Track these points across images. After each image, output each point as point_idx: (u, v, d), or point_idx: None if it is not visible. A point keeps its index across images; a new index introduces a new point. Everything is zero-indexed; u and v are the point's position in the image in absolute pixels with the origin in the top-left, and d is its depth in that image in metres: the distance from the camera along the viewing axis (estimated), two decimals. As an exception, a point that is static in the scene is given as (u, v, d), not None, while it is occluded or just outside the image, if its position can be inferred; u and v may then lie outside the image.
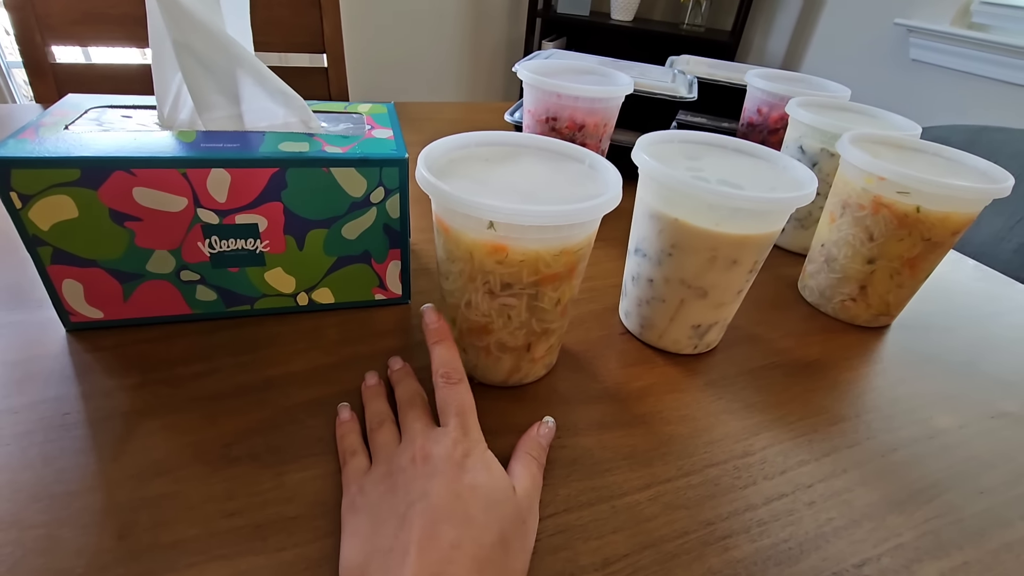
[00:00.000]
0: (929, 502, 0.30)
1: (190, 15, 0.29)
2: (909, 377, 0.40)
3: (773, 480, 0.31)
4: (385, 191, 0.35)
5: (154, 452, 0.28)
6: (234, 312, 0.37)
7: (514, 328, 0.32)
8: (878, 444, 0.34)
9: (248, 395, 0.32)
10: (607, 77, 0.56)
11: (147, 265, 0.33)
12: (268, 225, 0.34)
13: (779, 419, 0.35)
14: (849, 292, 0.44)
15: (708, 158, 0.38)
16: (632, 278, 0.39)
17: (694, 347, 0.39)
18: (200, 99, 0.33)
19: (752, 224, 0.33)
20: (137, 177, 0.30)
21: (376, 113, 0.41)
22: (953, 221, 0.39)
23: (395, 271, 0.39)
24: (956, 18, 1.30)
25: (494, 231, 0.28)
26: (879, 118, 0.54)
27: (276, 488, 0.27)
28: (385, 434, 0.29)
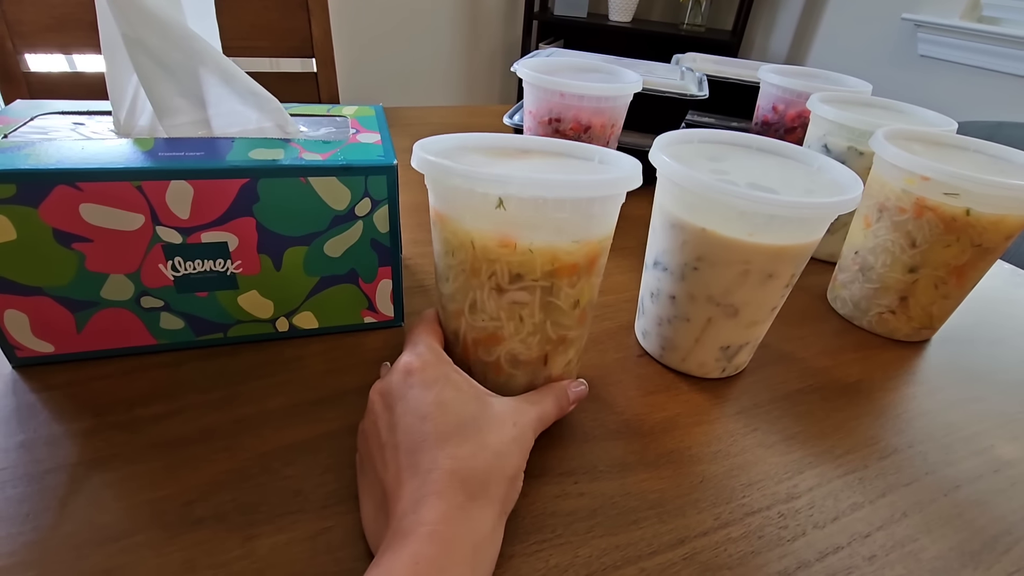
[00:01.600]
0: (1006, 552, 0.26)
1: (141, 7, 0.25)
2: (961, 399, 0.36)
3: (825, 529, 0.26)
4: (372, 202, 0.31)
5: (102, 514, 0.24)
6: (205, 341, 0.33)
7: (527, 334, 0.27)
8: (938, 480, 0.30)
9: (216, 440, 0.28)
10: (613, 75, 0.53)
11: (101, 292, 0.29)
12: (239, 243, 0.30)
13: (824, 452, 0.31)
14: (888, 304, 0.40)
15: (732, 159, 0.34)
16: (651, 294, 0.35)
17: (722, 370, 0.35)
18: (159, 103, 0.29)
19: (790, 233, 0.29)
20: (84, 192, 0.26)
21: (363, 116, 0.37)
22: (1008, 224, 0.35)
23: (386, 291, 0.35)
24: (966, 11, 1.27)
25: (503, 211, 0.24)
26: (908, 113, 0.50)
27: (245, 556, 0.23)
28: None
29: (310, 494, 0.25)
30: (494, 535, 0.22)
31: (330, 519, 0.24)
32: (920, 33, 1.33)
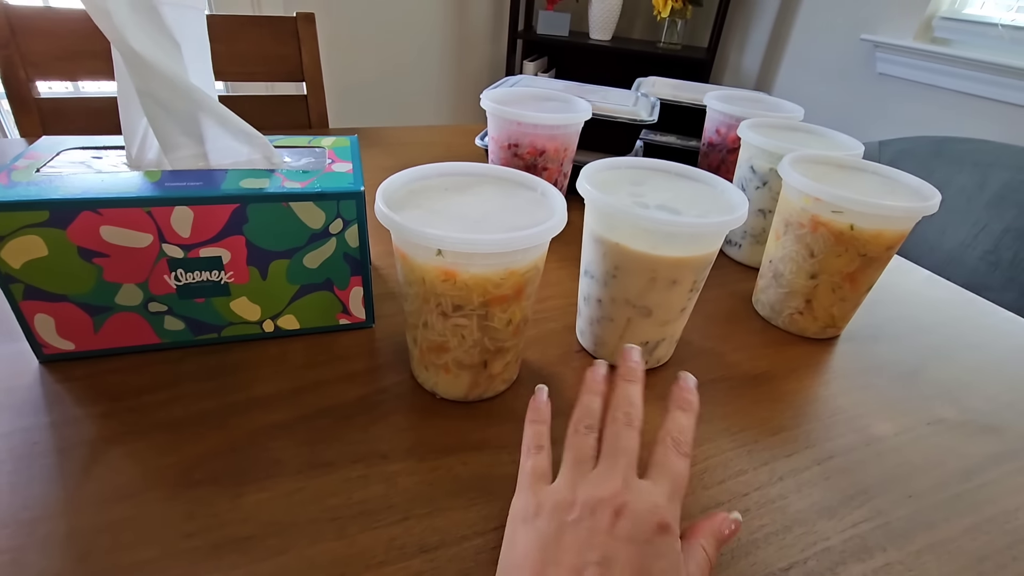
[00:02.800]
0: (859, 507, 0.32)
1: (152, 66, 0.31)
2: (853, 387, 0.42)
3: (711, 490, 0.32)
4: (344, 222, 0.37)
5: (117, 478, 0.29)
6: (202, 340, 0.39)
7: (468, 347, 0.34)
8: (815, 452, 0.36)
9: (211, 420, 0.33)
10: (568, 104, 0.59)
11: (116, 298, 0.35)
12: (231, 257, 0.36)
13: (722, 431, 0.37)
14: (796, 306, 0.46)
15: (652, 183, 0.40)
16: (584, 298, 0.41)
17: (645, 363, 0.41)
18: (165, 141, 0.35)
19: (688, 247, 0.35)
20: (103, 216, 0.32)
21: (339, 147, 0.43)
22: (886, 237, 0.41)
23: (358, 297, 0.41)
24: (919, 33, 1.35)
25: (443, 258, 0.30)
26: (826, 137, 0.56)
27: (233, 509, 0.28)
28: (586, 442, 0.26)
29: (288, 463, 0.31)
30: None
31: (302, 482, 0.30)
32: (878, 53, 1.41)
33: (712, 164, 0.68)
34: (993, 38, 1.26)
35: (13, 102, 0.74)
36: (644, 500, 0.23)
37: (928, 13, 1.34)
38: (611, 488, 0.24)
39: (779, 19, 1.68)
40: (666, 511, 0.23)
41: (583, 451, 0.26)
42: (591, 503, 0.23)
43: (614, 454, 0.25)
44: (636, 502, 0.23)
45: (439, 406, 0.36)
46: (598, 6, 1.82)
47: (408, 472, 0.31)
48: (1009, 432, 0.39)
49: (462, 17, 1.90)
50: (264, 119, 0.89)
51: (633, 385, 0.29)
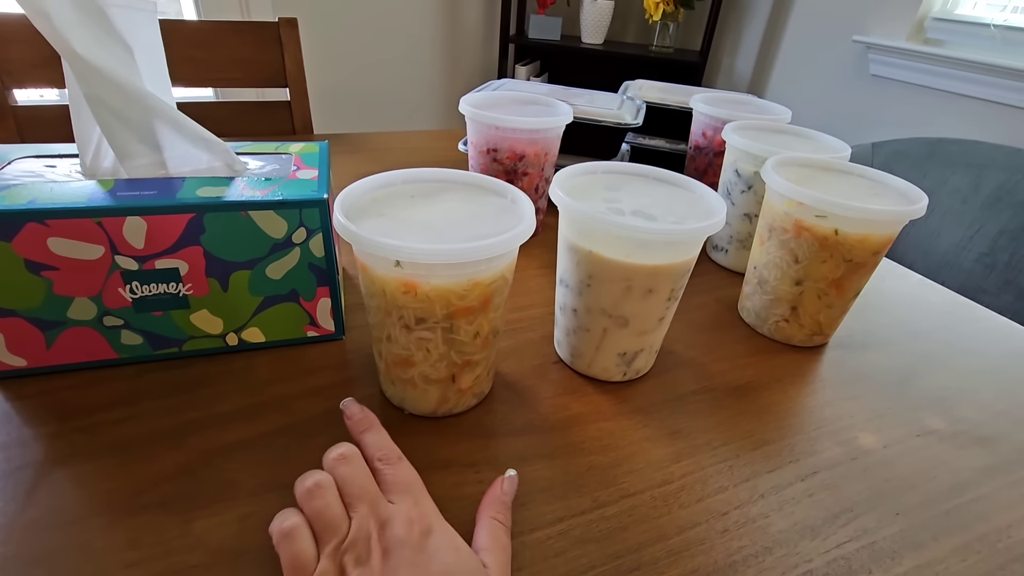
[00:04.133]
0: (844, 526, 0.31)
1: (100, 72, 0.30)
2: (839, 397, 0.41)
3: (689, 508, 0.31)
4: (307, 231, 0.36)
5: (59, 503, 0.28)
6: (162, 355, 0.37)
7: (434, 361, 0.32)
8: (799, 467, 0.34)
9: (166, 440, 0.32)
10: (549, 107, 0.58)
11: (68, 312, 0.34)
12: (189, 269, 0.34)
13: (703, 445, 0.35)
14: (782, 313, 0.45)
15: (628, 188, 0.39)
16: (560, 308, 0.40)
17: (623, 374, 0.39)
18: (120, 149, 0.34)
19: (664, 255, 0.33)
20: (51, 228, 0.31)
21: (307, 153, 0.42)
22: (872, 242, 0.39)
23: (325, 308, 0.39)
24: (911, 34, 1.34)
25: (402, 269, 0.28)
26: (812, 140, 0.55)
27: (181, 536, 0.27)
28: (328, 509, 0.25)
29: (243, 484, 0.30)
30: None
31: (257, 504, 0.29)
32: (871, 54, 1.40)
33: (699, 167, 0.66)
34: (985, 38, 1.25)
35: (-11, 110, 0.73)
36: (397, 523, 0.25)
37: (920, 14, 1.33)
38: (367, 531, 0.25)
39: (771, 21, 1.68)
40: (420, 518, 0.26)
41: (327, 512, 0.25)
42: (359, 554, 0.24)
43: (352, 500, 0.26)
44: (392, 529, 0.25)
45: (407, 422, 0.35)
46: (590, 10, 1.81)
47: (369, 493, 0.30)
48: (1002, 443, 0.37)
49: (453, 21, 1.89)
50: (247, 126, 0.88)
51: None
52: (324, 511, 0.25)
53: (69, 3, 0.28)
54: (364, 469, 0.28)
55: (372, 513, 0.25)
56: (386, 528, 0.25)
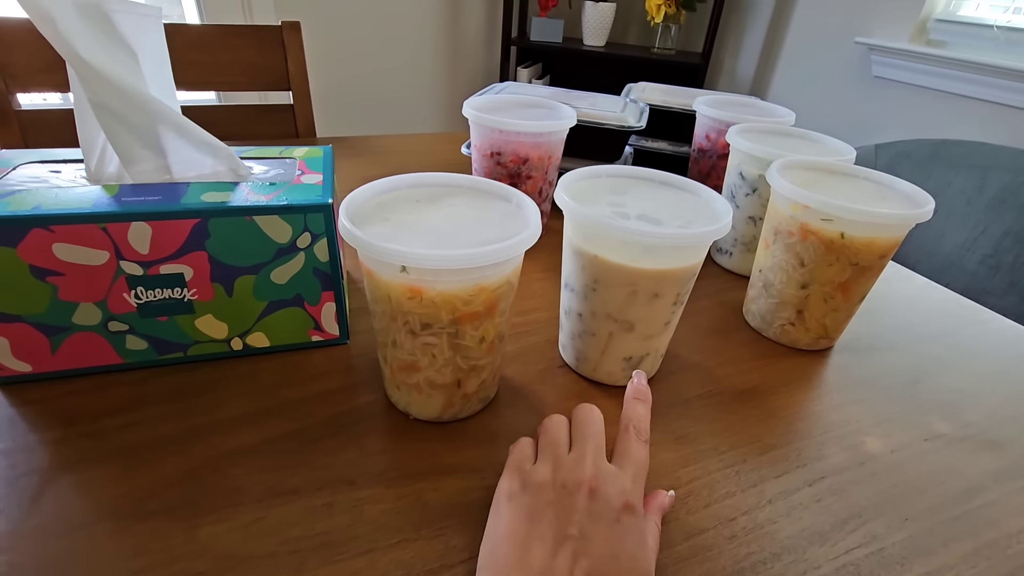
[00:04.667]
0: (852, 532, 0.30)
1: (105, 77, 0.30)
2: (846, 401, 0.40)
3: (696, 515, 0.31)
4: (312, 236, 0.36)
5: (65, 509, 0.28)
6: (167, 360, 0.37)
7: (440, 366, 0.32)
8: (806, 473, 0.34)
9: (171, 446, 0.32)
10: (552, 110, 0.58)
11: (73, 318, 0.33)
12: (194, 274, 0.34)
13: (709, 450, 0.35)
14: (787, 317, 0.44)
15: (633, 192, 0.39)
16: (565, 312, 0.40)
17: (629, 379, 0.39)
18: (124, 154, 0.34)
19: (670, 259, 0.33)
20: (55, 233, 0.31)
21: (311, 157, 0.42)
22: (878, 246, 0.39)
23: (330, 312, 0.39)
24: (914, 35, 1.33)
25: (408, 274, 0.28)
26: (817, 142, 0.55)
27: (187, 543, 0.27)
28: (558, 432, 0.29)
29: (249, 490, 0.30)
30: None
31: (263, 511, 0.28)
32: (873, 56, 1.39)
33: (702, 170, 0.66)
34: (989, 39, 1.25)
35: (-7, 115, 0.73)
36: (613, 484, 0.26)
37: (923, 15, 1.33)
38: (585, 472, 0.26)
39: (773, 23, 1.67)
40: (632, 494, 0.26)
41: (556, 434, 0.29)
42: (568, 485, 0.26)
43: (583, 442, 0.28)
44: (606, 485, 0.26)
45: (412, 427, 0.35)
46: (591, 12, 1.82)
47: (375, 499, 0.30)
48: (1011, 448, 0.37)
49: (455, 24, 1.89)
50: (250, 129, 0.88)
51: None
52: (552, 431, 0.29)
53: (74, 8, 0.28)
54: (601, 421, 0.29)
55: (592, 458, 0.27)
56: (599, 482, 0.26)
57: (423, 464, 0.32)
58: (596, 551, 0.24)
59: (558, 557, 0.23)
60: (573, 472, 0.26)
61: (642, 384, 0.31)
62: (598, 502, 0.25)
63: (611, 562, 0.23)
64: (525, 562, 0.23)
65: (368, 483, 0.31)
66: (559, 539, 0.24)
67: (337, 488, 0.30)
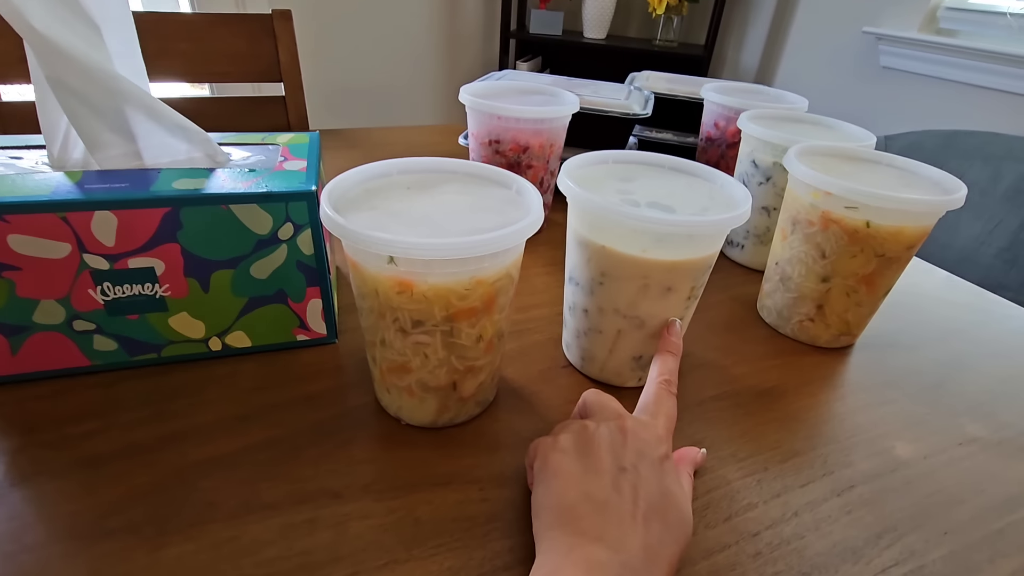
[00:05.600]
0: (888, 547, 0.28)
1: (63, 52, 0.27)
2: (871, 403, 0.38)
3: (716, 529, 0.28)
4: (295, 227, 0.33)
5: (17, 527, 0.25)
6: (139, 361, 0.34)
7: (433, 367, 0.29)
8: (834, 481, 0.31)
9: (139, 455, 0.29)
10: (554, 97, 0.55)
11: (33, 316, 0.31)
12: (166, 268, 0.31)
13: (728, 456, 0.32)
14: (806, 312, 0.42)
15: (642, 179, 0.36)
16: (569, 308, 0.37)
17: (638, 379, 0.36)
18: (89, 138, 0.31)
19: (683, 249, 0.30)
20: (10, 224, 0.28)
21: (296, 144, 0.39)
22: (907, 235, 0.36)
23: (316, 309, 0.36)
24: (924, 24, 1.30)
25: (395, 266, 0.26)
26: (834, 129, 0.52)
27: (151, 566, 0.24)
28: (592, 395, 0.29)
29: (222, 505, 0.27)
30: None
31: (237, 528, 0.26)
32: (881, 46, 1.36)
33: (711, 160, 0.64)
34: (1001, 27, 1.22)
35: (-28, 106, 0.71)
36: (647, 430, 0.26)
37: (933, 4, 1.30)
38: (614, 411, 0.27)
39: (778, 13, 1.64)
40: (665, 443, 0.26)
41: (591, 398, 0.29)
42: (609, 425, 0.26)
43: (604, 405, 0.28)
44: (639, 429, 0.26)
45: (404, 433, 0.32)
46: (592, 4, 1.78)
47: (362, 515, 0.27)
48: (1052, 452, 0.34)
49: (453, 16, 1.86)
50: (240, 121, 0.85)
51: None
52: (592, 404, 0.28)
53: (25, -27, 0.25)
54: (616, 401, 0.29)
55: (620, 412, 0.27)
56: (635, 426, 0.26)
57: (415, 474, 0.29)
58: (646, 483, 0.23)
59: (620, 489, 0.23)
60: (608, 421, 0.26)
61: (677, 337, 0.32)
62: (634, 440, 0.25)
63: (663, 498, 0.23)
64: (589, 496, 0.23)
65: (355, 496, 0.28)
66: (614, 471, 0.24)
67: (320, 502, 0.27)
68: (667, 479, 0.24)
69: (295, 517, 0.26)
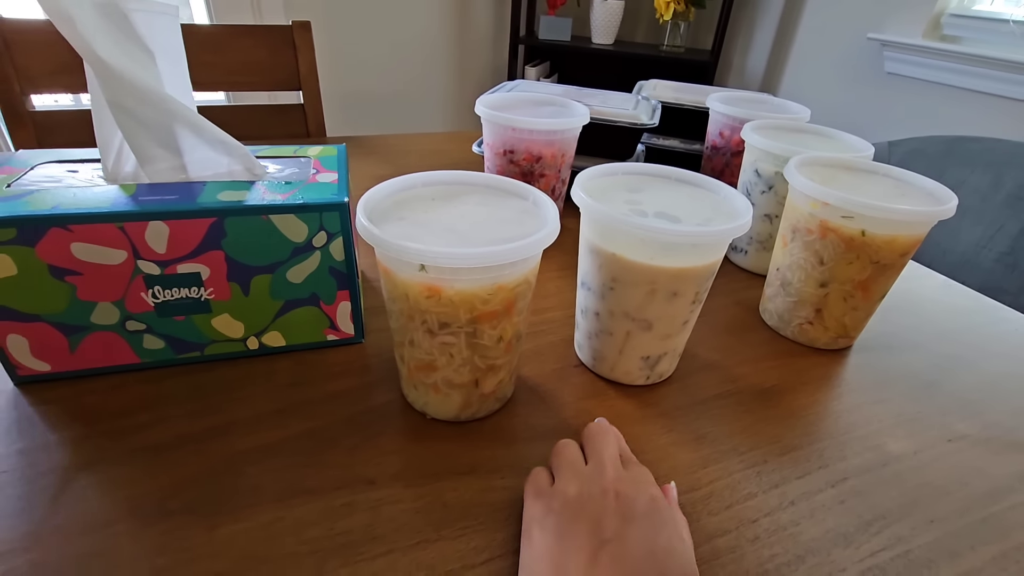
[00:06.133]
0: (877, 534, 0.30)
1: (122, 77, 0.30)
2: (867, 401, 0.40)
3: (718, 516, 0.30)
4: (328, 235, 0.35)
5: (87, 508, 0.28)
6: (184, 359, 0.37)
7: (457, 365, 0.32)
8: (829, 474, 0.33)
9: (190, 445, 0.32)
10: (565, 108, 0.57)
11: (91, 317, 0.34)
12: (211, 273, 0.34)
13: (730, 450, 0.35)
14: (806, 315, 0.44)
15: (650, 190, 0.38)
16: (582, 311, 0.39)
17: (646, 378, 0.39)
18: (140, 153, 0.34)
19: (688, 257, 0.33)
20: (74, 233, 0.31)
21: (325, 156, 0.42)
22: (900, 243, 0.39)
23: (345, 311, 0.39)
24: (928, 31, 1.32)
25: (426, 273, 0.28)
26: (834, 139, 0.54)
27: (207, 543, 0.27)
28: (570, 451, 0.29)
29: (267, 489, 0.29)
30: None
31: (282, 511, 0.28)
32: (886, 52, 1.38)
33: (716, 168, 0.66)
34: (1004, 34, 1.23)
35: (7, 116, 0.74)
36: (635, 483, 0.27)
37: (937, 10, 1.31)
38: (607, 478, 0.27)
39: (784, 19, 1.66)
40: (654, 487, 0.27)
41: (570, 454, 0.29)
42: (594, 494, 0.26)
43: (599, 452, 0.28)
44: (629, 485, 0.26)
45: (430, 427, 0.34)
46: (600, 10, 1.81)
47: (394, 499, 0.30)
48: (1036, 449, 0.37)
49: (463, 23, 1.89)
50: (261, 129, 0.88)
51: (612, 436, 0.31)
52: (564, 452, 0.29)
53: (92, 8, 0.28)
54: (614, 431, 0.30)
55: (611, 463, 0.27)
56: (622, 485, 0.26)
57: (441, 464, 0.32)
58: (632, 551, 0.23)
59: (596, 566, 0.23)
60: (595, 481, 0.26)
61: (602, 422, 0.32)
62: (625, 503, 0.25)
63: (648, 559, 0.23)
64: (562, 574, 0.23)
65: (387, 483, 0.30)
66: (594, 547, 0.24)
67: (356, 488, 0.30)
68: (662, 536, 0.24)
69: (334, 501, 0.29)
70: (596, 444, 0.29)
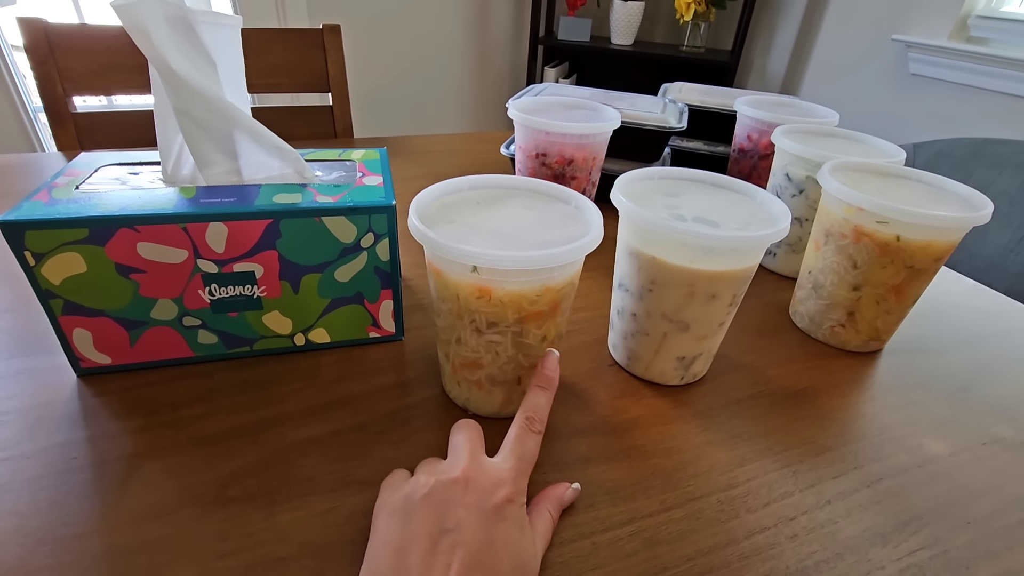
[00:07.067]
0: (914, 534, 0.30)
1: (189, 85, 0.31)
2: (900, 403, 0.40)
3: (756, 513, 0.31)
4: (375, 236, 0.37)
5: (153, 494, 0.29)
6: (234, 354, 0.39)
7: (502, 363, 0.33)
8: (864, 474, 0.34)
9: (244, 436, 0.33)
10: (596, 112, 0.58)
11: (151, 313, 0.35)
12: (264, 272, 0.36)
13: (765, 450, 0.35)
14: (838, 318, 0.44)
15: (687, 195, 0.39)
16: (617, 312, 0.40)
17: (680, 378, 0.39)
18: (200, 157, 0.35)
19: (727, 261, 0.34)
20: (140, 233, 0.32)
21: (369, 160, 0.43)
22: (935, 248, 0.39)
23: (387, 310, 0.40)
24: (954, 32, 1.31)
25: (478, 274, 0.29)
26: (865, 143, 0.54)
27: (268, 529, 0.28)
28: (436, 459, 0.29)
29: (320, 480, 0.31)
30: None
31: (336, 500, 0.30)
32: (910, 53, 1.37)
33: (743, 170, 0.66)
34: (1033, 36, 1.21)
35: (51, 116, 0.77)
36: (490, 475, 0.26)
37: (963, 12, 1.30)
38: (459, 466, 0.26)
39: (806, 20, 1.65)
40: (510, 485, 0.26)
41: (435, 459, 0.29)
42: (444, 482, 0.26)
43: (458, 444, 0.28)
44: (482, 477, 0.26)
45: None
46: (619, 11, 1.81)
47: (442, 491, 0.31)
48: (1072, 454, 0.37)
49: (483, 24, 1.90)
50: (290, 129, 0.90)
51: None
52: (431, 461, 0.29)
53: (165, 21, 0.29)
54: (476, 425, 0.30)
55: (469, 453, 0.27)
56: (475, 473, 0.26)
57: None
58: (471, 539, 0.23)
59: (436, 553, 0.23)
60: (448, 471, 0.26)
61: (552, 371, 0.31)
62: (474, 493, 0.25)
63: (487, 548, 0.24)
64: (403, 567, 0.23)
65: (433, 476, 0.32)
66: (435, 535, 0.24)
67: (404, 480, 0.31)
68: (502, 528, 0.24)
69: (384, 492, 0.30)
70: (455, 438, 0.29)
